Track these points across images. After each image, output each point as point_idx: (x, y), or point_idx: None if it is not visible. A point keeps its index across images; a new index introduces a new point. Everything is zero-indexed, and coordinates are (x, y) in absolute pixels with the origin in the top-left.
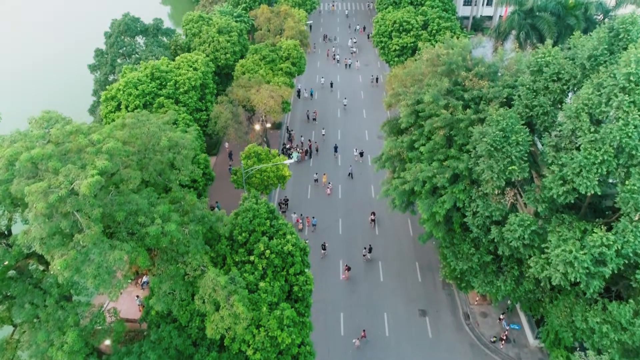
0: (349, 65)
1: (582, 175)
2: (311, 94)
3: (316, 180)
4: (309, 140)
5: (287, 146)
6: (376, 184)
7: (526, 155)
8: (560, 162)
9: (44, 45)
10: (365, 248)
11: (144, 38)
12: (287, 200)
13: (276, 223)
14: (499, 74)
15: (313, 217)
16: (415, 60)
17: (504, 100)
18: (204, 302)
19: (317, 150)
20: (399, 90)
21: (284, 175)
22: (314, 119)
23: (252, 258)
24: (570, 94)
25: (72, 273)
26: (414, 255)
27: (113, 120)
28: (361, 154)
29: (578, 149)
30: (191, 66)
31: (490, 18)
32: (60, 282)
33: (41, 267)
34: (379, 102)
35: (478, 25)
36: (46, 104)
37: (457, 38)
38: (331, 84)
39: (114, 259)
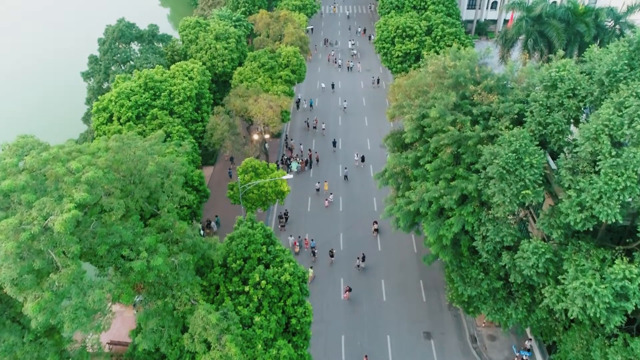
0: (351, 68)
1: (602, 202)
2: (311, 105)
3: (317, 190)
4: (309, 150)
5: (287, 156)
6: (378, 192)
7: (541, 178)
8: (578, 187)
9: (41, 46)
10: (358, 258)
11: (139, 44)
12: (287, 213)
13: (273, 249)
14: (508, 85)
15: (312, 240)
16: (420, 66)
17: (515, 116)
18: (193, 341)
19: (317, 160)
20: (403, 103)
21: (282, 191)
22: (314, 127)
23: (247, 288)
24: (586, 111)
25: (47, 317)
26: (418, 273)
27: (103, 133)
28: (362, 159)
29: (597, 172)
30: (187, 75)
31: (494, 22)
32: (34, 326)
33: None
34: (380, 104)
35: (482, 29)
36: (42, 107)
37: (464, 48)
38: (332, 86)
39: (93, 300)
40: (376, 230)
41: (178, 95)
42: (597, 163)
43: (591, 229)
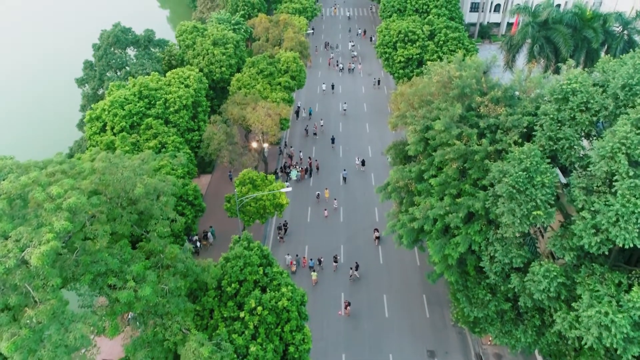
0: (352, 69)
1: (619, 226)
2: (310, 114)
3: (318, 196)
4: (309, 158)
5: (287, 163)
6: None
7: (553, 198)
8: (592, 208)
9: (40, 46)
10: (352, 268)
11: (135, 50)
12: (287, 224)
13: (270, 271)
14: (515, 93)
15: (310, 259)
16: (423, 73)
17: (524, 130)
18: None
19: (317, 169)
20: (407, 113)
21: (281, 204)
22: (315, 134)
23: (242, 314)
24: (599, 126)
25: (24, 356)
26: (421, 287)
27: (96, 144)
28: (363, 163)
29: (613, 193)
30: (183, 83)
31: (497, 25)
32: None
33: None
34: (382, 109)
35: (485, 32)
36: (41, 107)
37: (469, 56)
38: (332, 86)
39: (74, 337)
40: (377, 237)
41: (174, 103)
42: (614, 183)
43: (606, 253)
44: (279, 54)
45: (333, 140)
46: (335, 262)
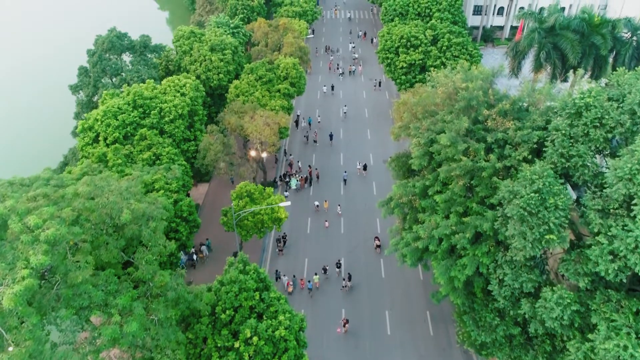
0: (353, 72)
1: (638, 253)
2: (309, 123)
3: (317, 207)
4: (309, 166)
5: (287, 172)
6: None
7: (567, 221)
8: (609, 233)
9: (35, 48)
10: (344, 279)
11: (130, 55)
12: (286, 236)
13: (267, 297)
14: (524, 105)
15: (309, 281)
16: (426, 80)
17: (534, 145)
18: None
19: (317, 178)
20: (410, 125)
21: (279, 218)
22: (315, 141)
23: (237, 344)
24: (614, 142)
25: None
26: (425, 303)
27: (86, 157)
28: (364, 167)
29: (632, 217)
30: (179, 91)
31: (501, 28)
32: None
33: None
34: (384, 114)
35: (488, 36)
36: (40, 108)
37: (476, 67)
38: (332, 87)
39: None
40: (378, 246)
41: (169, 113)
42: (632, 207)
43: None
44: (278, 60)
45: (331, 136)
46: (339, 267)
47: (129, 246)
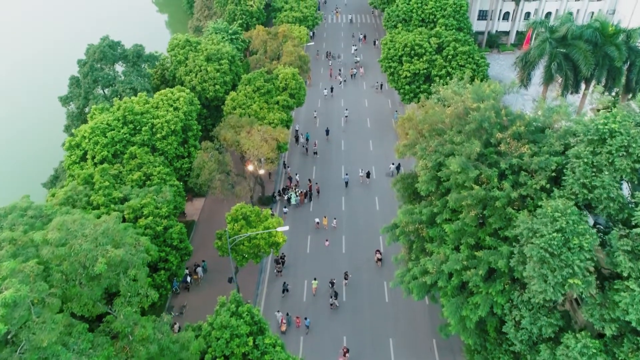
0: (354, 75)
1: None
2: (307, 139)
3: (317, 224)
4: (309, 180)
5: (286, 186)
6: (384, 221)
7: (593, 264)
8: None
9: (34, 47)
10: (331, 296)
11: (123, 65)
12: (284, 257)
13: (261, 342)
14: (536, 122)
15: (305, 318)
16: (431, 93)
17: (552, 173)
18: None
19: (318, 192)
20: (417, 147)
21: (277, 242)
22: (315, 153)
23: None
24: None
25: None
26: (430, 330)
27: (73, 176)
28: (367, 175)
29: None
30: (172, 105)
31: (506, 33)
32: None
33: None
34: (386, 124)
35: (494, 41)
36: (41, 110)
37: (487, 83)
38: (331, 89)
39: None
40: (379, 260)
41: (161, 129)
42: None
43: None
44: (277, 70)
45: (327, 132)
46: (346, 279)
47: (105, 296)
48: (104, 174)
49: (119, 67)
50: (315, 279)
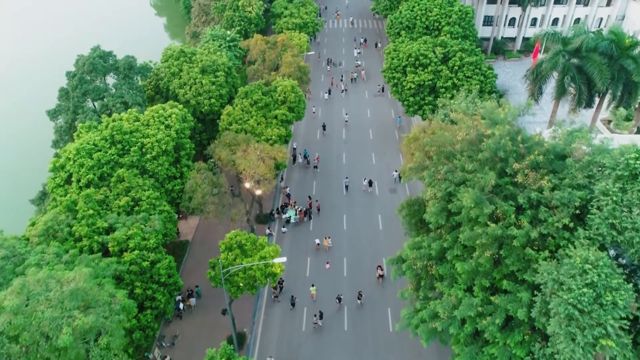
0: (354, 79)
1: None
2: (305, 156)
3: (318, 245)
4: (309, 197)
5: (285, 203)
6: (388, 242)
7: (628, 323)
8: None
9: (33, 49)
10: (315, 315)
11: (115, 77)
12: (282, 282)
13: None
14: (556, 149)
15: None
16: (435, 107)
17: (575, 210)
18: None
19: (318, 210)
20: (425, 172)
21: (274, 273)
22: (315, 167)
23: None
24: None
25: None
26: None
27: (56, 200)
28: (370, 184)
29: None
30: (163, 122)
31: (512, 40)
32: None
33: None
34: (389, 134)
35: (499, 48)
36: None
37: (503, 109)
38: (329, 92)
39: None
40: (381, 276)
41: (151, 149)
42: None
43: None
44: (275, 82)
45: (324, 127)
46: (359, 299)
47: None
48: (88, 200)
49: (110, 79)
50: (313, 285)
